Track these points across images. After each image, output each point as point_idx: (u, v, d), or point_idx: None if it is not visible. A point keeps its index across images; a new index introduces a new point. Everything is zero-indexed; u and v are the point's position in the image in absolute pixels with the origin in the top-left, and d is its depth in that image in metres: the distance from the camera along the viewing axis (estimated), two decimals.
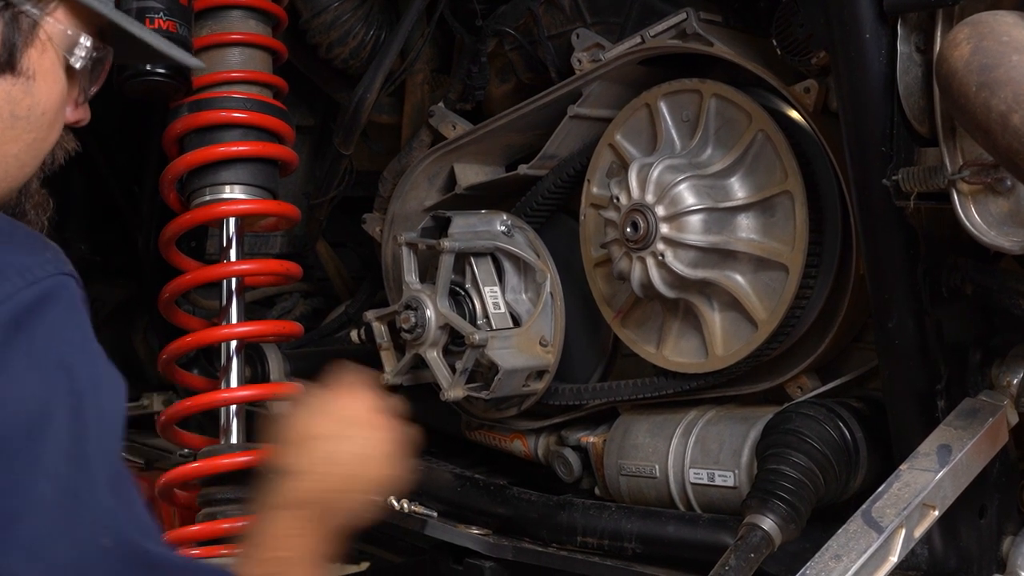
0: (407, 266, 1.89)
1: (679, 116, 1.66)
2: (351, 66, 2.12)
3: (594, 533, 1.68)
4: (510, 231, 1.81)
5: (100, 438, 1.00)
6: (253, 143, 1.81)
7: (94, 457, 0.99)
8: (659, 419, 1.71)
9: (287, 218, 1.90)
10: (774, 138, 1.54)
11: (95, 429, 1.00)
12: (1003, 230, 1.18)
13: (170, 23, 1.68)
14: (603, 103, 1.78)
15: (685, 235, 1.54)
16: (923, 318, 1.34)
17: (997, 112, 1.01)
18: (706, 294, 1.61)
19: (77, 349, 1.02)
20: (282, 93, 1.92)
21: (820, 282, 1.55)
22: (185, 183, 1.84)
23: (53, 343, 0.99)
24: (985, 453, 1.31)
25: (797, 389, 1.61)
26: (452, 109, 2.01)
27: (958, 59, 1.06)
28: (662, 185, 1.55)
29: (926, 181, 1.23)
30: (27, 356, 0.97)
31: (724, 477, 1.58)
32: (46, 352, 0.99)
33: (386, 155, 2.18)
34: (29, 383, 0.97)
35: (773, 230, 1.55)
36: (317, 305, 2.57)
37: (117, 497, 1.00)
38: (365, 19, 2.09)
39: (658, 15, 1.68)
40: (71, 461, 0.97)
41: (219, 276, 1.82)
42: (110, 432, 1.02)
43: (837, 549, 1.20)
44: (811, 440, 1.43)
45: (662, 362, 1.69)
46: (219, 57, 1.84)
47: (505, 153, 2.00)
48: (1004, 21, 1.07)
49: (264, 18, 1.89)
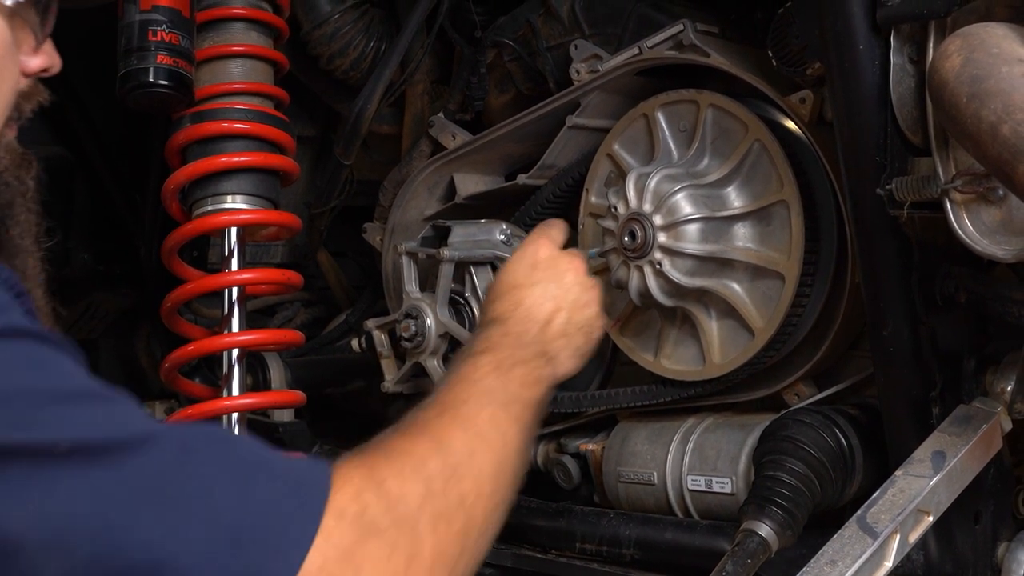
0: (407, 275, 1.90)
1: (676, 126, 1.67)
2: (351, 77, 2.13)
3: (593, 539, 1.69)
4: (509, 240, 1.83)
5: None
6: (255, 154, 1.82)
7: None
8: (657, 426, 1.72)
9: (288, 228, 1.91)
10: (770, 148, 1.55)
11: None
12: (996, 239, 1.19)
13: (172, 35, 1.69)
14: (601, 113, 1.80)
15: (682, 244, 1.56)
16: (918, 326, 1.35)
17: (987, 123, 1.02)
18: (703, 302, 1.63)
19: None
20: (283, 104, 1.93)
21: (816, 290, 1.56)
22: (187, 193, 1.85)
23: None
24: (979, 459, 1.32)
25: (794, 396, 1.62)
26: (452, 119, 2.02)
27: (949, 70, 1.07)
28: (659, 194, 1.57)
29: (919, 190, 1.25)
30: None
31: (721, 484, 1.59)
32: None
33: (386, 165, 2.19)
34: None
35: (769, 239, 1.56)
36: (318, 314, 2.58)
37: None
38: (365, 31, 2.11)
39: (655, 26, 1.69)
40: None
41: (221, 285, 1.83)
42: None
43: (832, 555, 1.20)
44: (807, 447, 1.44)
45: (660, 370, 1.70)
46: (221, 69, 1.85)
47: (504, 163, 2.02)
48: (995, 33, 1.09)
49: (266, 30, 1.90)
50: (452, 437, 1.08)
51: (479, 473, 1.06)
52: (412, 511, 0.97)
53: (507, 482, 1.11)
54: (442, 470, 1.02)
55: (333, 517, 0.91)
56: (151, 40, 1.69)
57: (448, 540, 0.99)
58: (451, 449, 1.06)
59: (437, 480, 1.01)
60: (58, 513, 0.82)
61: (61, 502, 0.82)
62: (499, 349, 1.27)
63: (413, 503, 0.97)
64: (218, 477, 0.88)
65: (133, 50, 1.70)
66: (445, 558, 0.98)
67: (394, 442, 1.04)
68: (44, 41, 1.14)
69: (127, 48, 1.71)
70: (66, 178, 2.34)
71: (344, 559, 0.90)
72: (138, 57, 1.70)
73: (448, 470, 1.03)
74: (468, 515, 1.02)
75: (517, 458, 1.15)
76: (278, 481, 0.91)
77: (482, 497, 1.05)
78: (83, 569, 0.83)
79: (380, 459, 1.00)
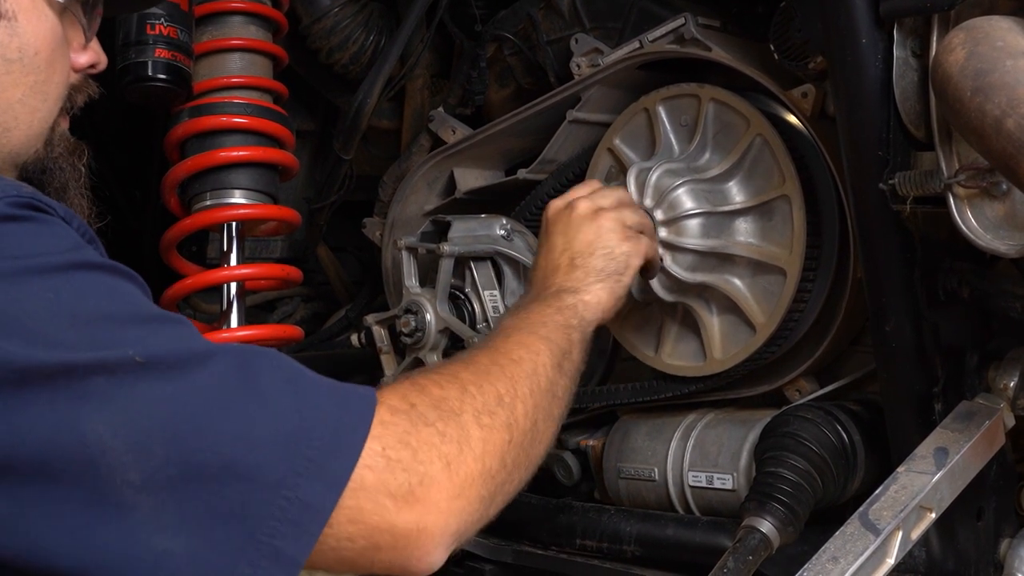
0: (407, 270, 1.89)
1: (677, 120, 1.66)
2: (351, 71, 2.13)
3: (593, 536, 1.69)
4: (509, 235, 1.82)
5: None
6: (254, 148, 1.82)
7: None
8: (658, 422, 1.72)
9: (288, 223, 1.90)
10: (772, 142, 1.54)
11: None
12: (999, 234, 1.18)
13: (171, 29, 1.69)
14: (602, 108, 1.79)
15: (683, 239, 1.55)
16: (920, 321, 1.35)
17: (991, 116, 1.01)
18: (704, 298, 1.62)
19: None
20: (282, 98, 1.93)
21: (818, 286, 1.56)
22: (186, 187, 1.85)
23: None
24: (982, 456, 1.32)
25: (795, 392, 1.61)
26: (452, 114, 2.02)
27: (953, 64, 1.06)
28: (661, 189, 1.56)
29: (922, 185, 1.24)
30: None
31: (723, 480, 1.59)
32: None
33: (386, 160, 2.18)
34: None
35: (771, 234, 1.56)
36: (317, 309, 2.58)
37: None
38: (365, 24, 2.10)
39: (656, 20, 1.68)
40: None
41: (220, 280, 1.83)
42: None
43: (834, 551, 1.20)
44: (809, 443, 1.44)
45: (661, 366, 1.70)
46: (220, 63, 1.85)
47: (504, 157, 2.01)
48: (999, 26, 1.08)
49: (265, 24, 1.90)
50: (478, 356, 1.20)
51: (512, 376, 1.16)
52: (455, 407, 1.07)
53: (544, 388, 1.20)
54: (474, 377, 1.13)
55: (387, 412, 1.01)
56: (150, 34, 1.69)
57: (494, 431, 1.08)
58: (479, 363, 1.17)
59: (471, 384, 1.11)
60: (137, 419, 0.91)
61: (139, 410, 0.91)
62: (520, 305, 1.39)
63: (455, 402, 1.08)
64: (274, 387, 0.97)
65: (132, 44, 1.70)
66: (493, 446, 1.08)
67: (428, 369, 1.17)
68: (91, 39, 1.26)
69: (125, 42, 1.71)
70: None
71: (402, 443, 1.00)
72: (136, 51, 1.69)
73: (479, 376, 1.14)
74: (509, 411, 1.12)
75: (553, 371, 1.23)
76: (328, 391, 1.01)
77: (519, 398, 1.14)
78: (161, 469, 0.90)
79: (418, 375, 1.12)
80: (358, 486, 0.96)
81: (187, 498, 0.91)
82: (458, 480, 1.02)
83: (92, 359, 0.90)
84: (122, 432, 0.90)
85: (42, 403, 0.88)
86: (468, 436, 1.05)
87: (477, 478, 1.05)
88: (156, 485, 0.90)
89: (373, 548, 0.99)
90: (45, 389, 0.89)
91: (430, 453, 1.01)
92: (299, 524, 0.93)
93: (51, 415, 0.88)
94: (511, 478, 1.11)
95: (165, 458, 0.90)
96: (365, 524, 0.97)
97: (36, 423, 0.88)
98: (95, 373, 0.90)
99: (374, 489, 0.97)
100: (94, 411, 0.89)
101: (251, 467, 0.92)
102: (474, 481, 1.04)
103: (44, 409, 0.88)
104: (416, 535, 0.99)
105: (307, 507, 0.94)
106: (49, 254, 0.95)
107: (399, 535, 0.99)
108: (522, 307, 1.37)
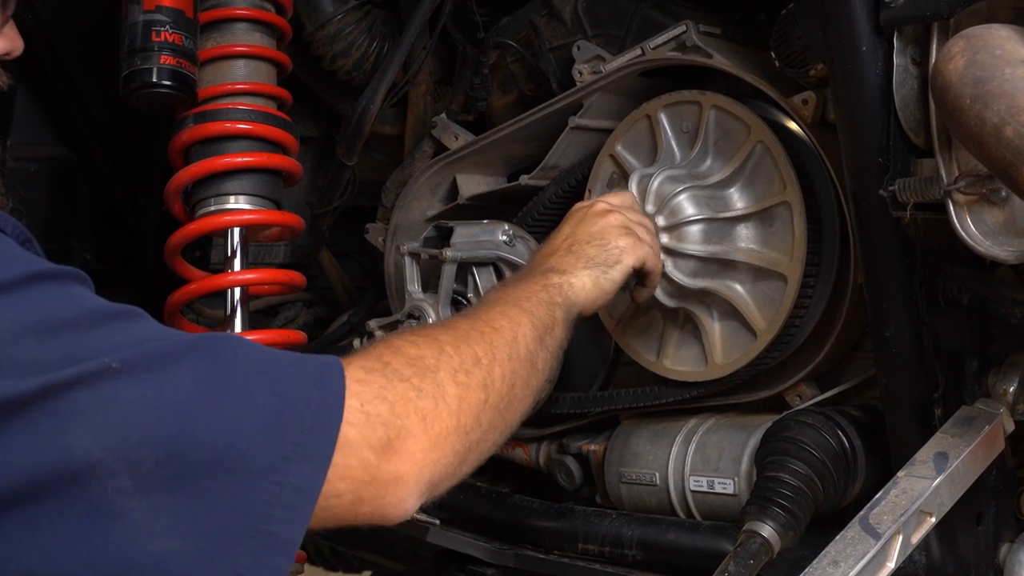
0: (409, 275, 1.90)
1: (679, 127, 1.67)
2: (354, 78, 2.13)
3: (595, 540, 1.69)
4: (512, 241, 1.83)
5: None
6: (258, 154, 1.82)
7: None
8: (659, 427, 1.72)
9: (291, 228, 1.91)
10: (773, 149, 1.55)
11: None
12: (998, 240, 1.19)
13: (176, 36, 1.69)
14: (604, 114, 1.80)
15: (685, 245, 1.56)
16: (920, 327, 1.35)
17: (990, 124, 1.02)
18: (706, 303, 1.63)
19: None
20: (286, 105, 1.93)
21: (818, 291, 1.56)
22: (190, 193, 1.85)
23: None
24: (982, 460, 1.32)
25: (796, 397, 1.62)
26: (454, 120, 2.02)
27: (952, 72, 1.07)
28: (662, 195, 1.57)
29: (922, 192, 1.25)
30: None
31: (724, 484, 1.60)
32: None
33: (389, 166, 2.19)
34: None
35: (772, 240, 1.57)
36: (320, 314, 2.58)
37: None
38: (368, 31, 2.10)
39: (658, 27, 1.69)
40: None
41: (224, 286, 1.83)
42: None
43: (835, 555, 1.20)
44: (810, 448, 1.44)
45: (662, 371, 1.70)
46: (224, 69, 1.85)
47: (507, 164, 2.02)
48: (998, 35, 1.09)
49: (269, 31, 1.90)
50: (458, 322, 1.22)
51: (491, 342, 1.18)
52: (431, 364, 1.10)
53: (522, 357, 1.22)
54: (452, 339, 1.15)
55: (362, 371, 1.04)
56: (155, 41, 1.69)
57: (470, 390, 1.11)
58: (458, 327, 1.20)
59: (448, 345, 1.14)
60: (121, 427, 0.90)
61: (122, 417, 0.91)
62: (508, 281, 1.42)
63: (431, 360, 1.10)
64: (248, 376, 0.98)
65: (136, 51, 1.70)
66: (468, 404, 1.11)
67: (404, 331, 1.20)
68: (4, 24, 1.21)
69: (131, 49, 1.71)
70: (69, 178, 2.35)
71: (379, 398, 1.03)
72: (141, 58, 1.70)
73: (458, 338, 1.16)
74: (486, 372, 1.15)
75: (534, 343, 1.26)
76: (298, 368, 1.02)
77: (497, 361, 1.17)
78: (151, 472, 0.91)
79: (394, 336, 1.16)
80: (343, 443, 0.99)
81: (180, 497, 0.91)
82: (433, 433, 1.06)
83: (69, 375, 0.89)
84: (109, 442, 0.89)
85: (25, 431, 0.87)
86: (443, 392, 1.09)
87: (452, 432, 1.08)
88: (148, 489, 0.90)
89: (357, 501, 1.02)
90: (26, 415, 0.88)
91: (407, 407, 1.05)
92: (292, 507, 0.95)
93: (35, 440, 0.88)
94: (485, 437, 1.13)
95: (154, 461, 0.91)
96: (352, 479, 1.00)
97: (21, 450, 0.87)
98: (73, 388, 0.89)
99: (357, 444, 1.01)
100: (78, 426, 0.89)
101: (239, 458, 0.94)
102: (449, 435, 1.08)
103: (27, 436, 0.88)
104: (394, 483, 1.03)
105: (298, 490, 0.96)
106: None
107: (380, 485, 1.03)
108: (509, 283, 1.40)
